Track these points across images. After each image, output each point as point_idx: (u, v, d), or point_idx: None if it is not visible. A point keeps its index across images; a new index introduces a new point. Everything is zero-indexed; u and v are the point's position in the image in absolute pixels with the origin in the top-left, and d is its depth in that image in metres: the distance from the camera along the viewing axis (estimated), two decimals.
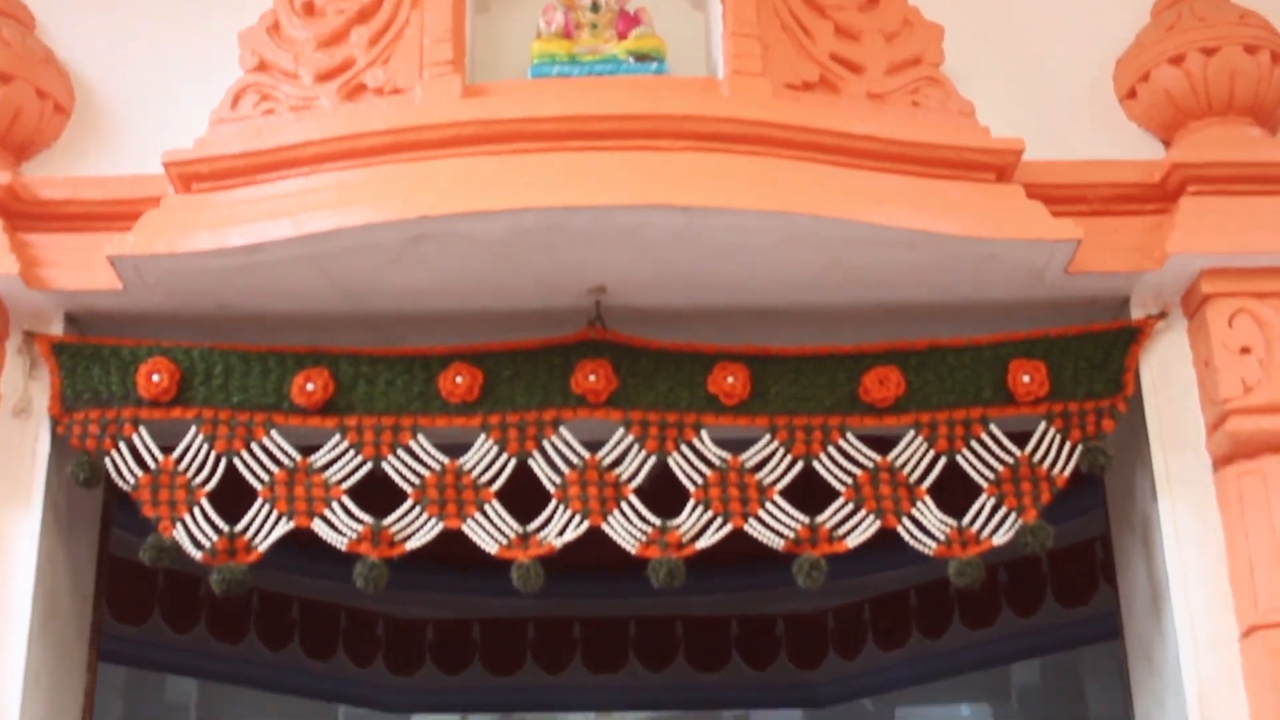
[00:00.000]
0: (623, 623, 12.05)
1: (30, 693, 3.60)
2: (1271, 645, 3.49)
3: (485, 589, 11.74)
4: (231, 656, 11.42)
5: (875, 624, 11.98)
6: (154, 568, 10.89)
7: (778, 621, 12.16)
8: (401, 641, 12.01)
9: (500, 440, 3.68)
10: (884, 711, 13.24)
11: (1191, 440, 3.73)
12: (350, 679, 12.02)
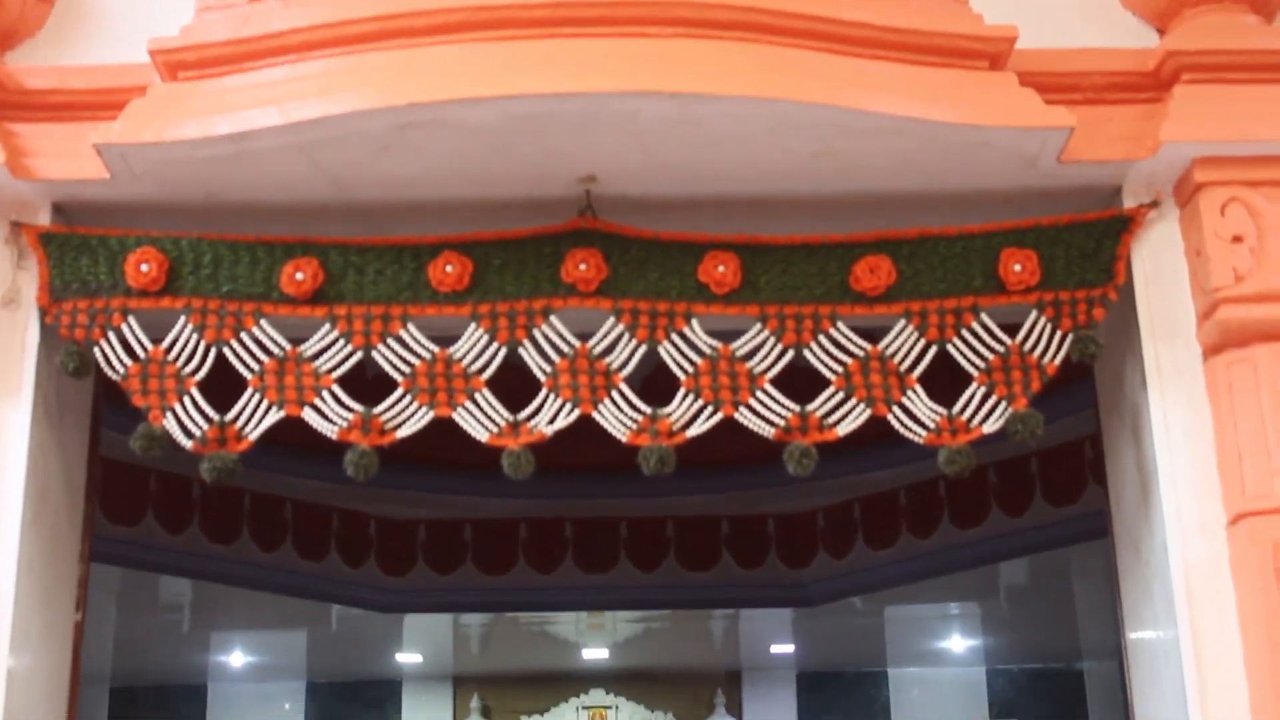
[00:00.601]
0: (614, 523, 12.11)
1: (23, 582, 3.62)
2: (1258, 532, 3.51)
3: (477, 490, 11.85)
4: (225, 557, 11.50)
5: (865, 523, 12.05)
6: (147, 469, 10.92)
7: (768, 521, 12.24)
8: (394, 542, 12.08)
9: (490, 329, 3.67)
10: (873, 610, 13.37)
11: (1182, 329, 3.73)
12: (343, 579, 12.11)
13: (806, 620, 13.40)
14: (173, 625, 13.58)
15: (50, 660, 3.82)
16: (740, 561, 12.24)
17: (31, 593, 3.67)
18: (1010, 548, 11.67)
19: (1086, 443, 10.50)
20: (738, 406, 3.64)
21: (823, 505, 12.32)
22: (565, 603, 12.70)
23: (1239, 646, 3.50)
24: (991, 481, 11.38)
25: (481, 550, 12.10)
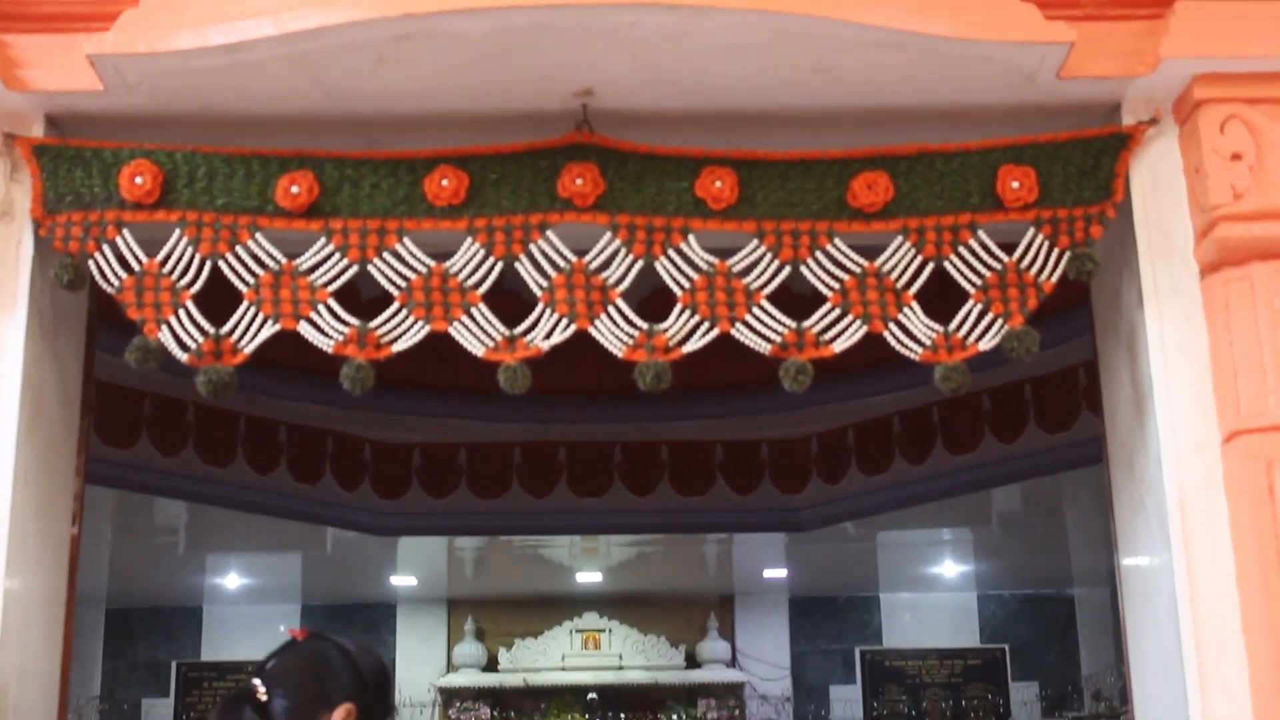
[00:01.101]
0: (608, 447, 12.16)
1: (19, 495, 3.62)
2: (1252, 450, 3.52)
3: (472, 414, 11.87)
4: (219, 480, 11.53)
5: (859, 449, 12.09)
6: (141, 392, 10.92)
7: (762, 446, 12.28)
8: (388, 465, 12.11)
9: (487, 244, 3.66)
10: (866, 535, 13.44)
11: (1179, 247, 3.72)
12: (337, 502, 12.16)
13: (799, 545, 13.47)
14: (168, 548, 13.64)
15: (47, 576, 3.83)
16: (734, 486, 12.29)
17: (27, 506, 3.67)
18: (1003, 474, 11.73)
19: (1080, 369, 10.54)
20: (734, 322, 3.64)
21: (816, 431, 12.36)
22: (559, 527, 12.75)
23: (1231, 563, 3.52)
24: (985, 408, 11.42)
25: (476, 474, 12.14)
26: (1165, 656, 3.71)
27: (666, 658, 15.01)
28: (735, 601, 15.40)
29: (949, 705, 15.28)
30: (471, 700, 14.87)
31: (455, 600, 15.30)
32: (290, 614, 15.40)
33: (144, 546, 13.44)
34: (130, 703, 15.15)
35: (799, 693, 15.23)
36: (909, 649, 15.42)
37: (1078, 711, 15.14)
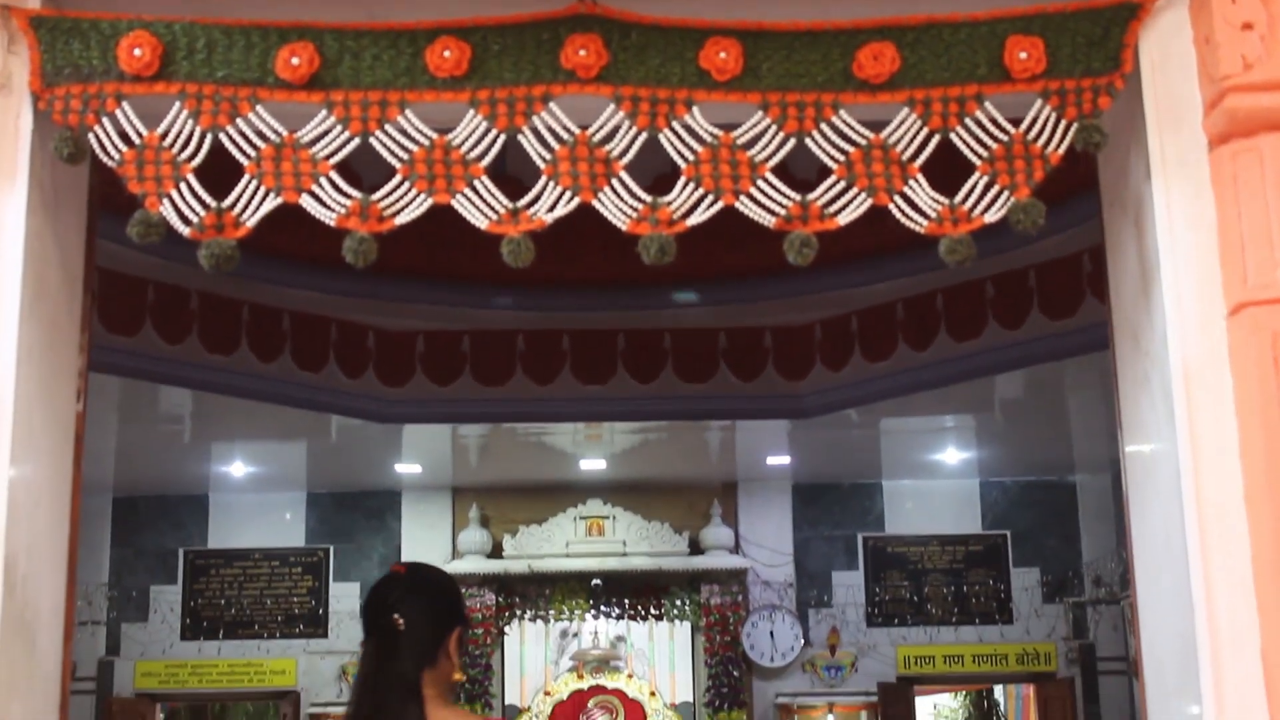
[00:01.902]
0: (611, 335, 12.18)
1: (23, 370, 3.61)
2: (1258, 322, 3.51)
3: (475, 302, 11.86)
4: (223, 368, 11.56)
5: (862, 336, 12.11)
6: (144, 280, 10.89)
7: (765, 334, 12.30)
8: (392, 353, 12.14)
9: (489, 115, 3.63)
10: (869, 422, 13.48)
11: (1188, 119, 3.69)
12: (341, 390, 12.20)
13: (802, 432, 13.52)
14: (173, 436, 13.69)
15: (52, 452, 3.83)
16: (737, 373, 12.32)
17: (32, 382, 3.67)
18: (1006, 360, 11.76)
19: (1085, 255, 10.53)
20: (738, 195, 3.61)
21: (820, 318, 12.37)
22: (563, 414, 12.80)
23: (1235, 436, 3.52)
24: (989, 294, 11.42)
25: (479, 361, 12.17)
26: (1168, 538, 3.72)
27: (670, 544, 15.12)
28: (738, 488, 15.49)
29: (950, 591, 15.42)
30: (476, 587, 15.01)
31: (459, 488, 15.39)
32: (296, 502, 15.50)
33: (149, 435, 13.50)
34: (138, 590, 15.30)
35: (801, 578, 15.37)
36: (911, 535, 15.54)
37: (1078, 597, 15.28)
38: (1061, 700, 15.21)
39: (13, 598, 3.45)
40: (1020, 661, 15.35)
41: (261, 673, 15.23)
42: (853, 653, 15.27)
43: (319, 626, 15.30)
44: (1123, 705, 15.02)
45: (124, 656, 15.17)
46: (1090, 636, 15.25)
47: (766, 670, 15.13)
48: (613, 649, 15.73)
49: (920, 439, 14.37)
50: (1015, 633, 15.37)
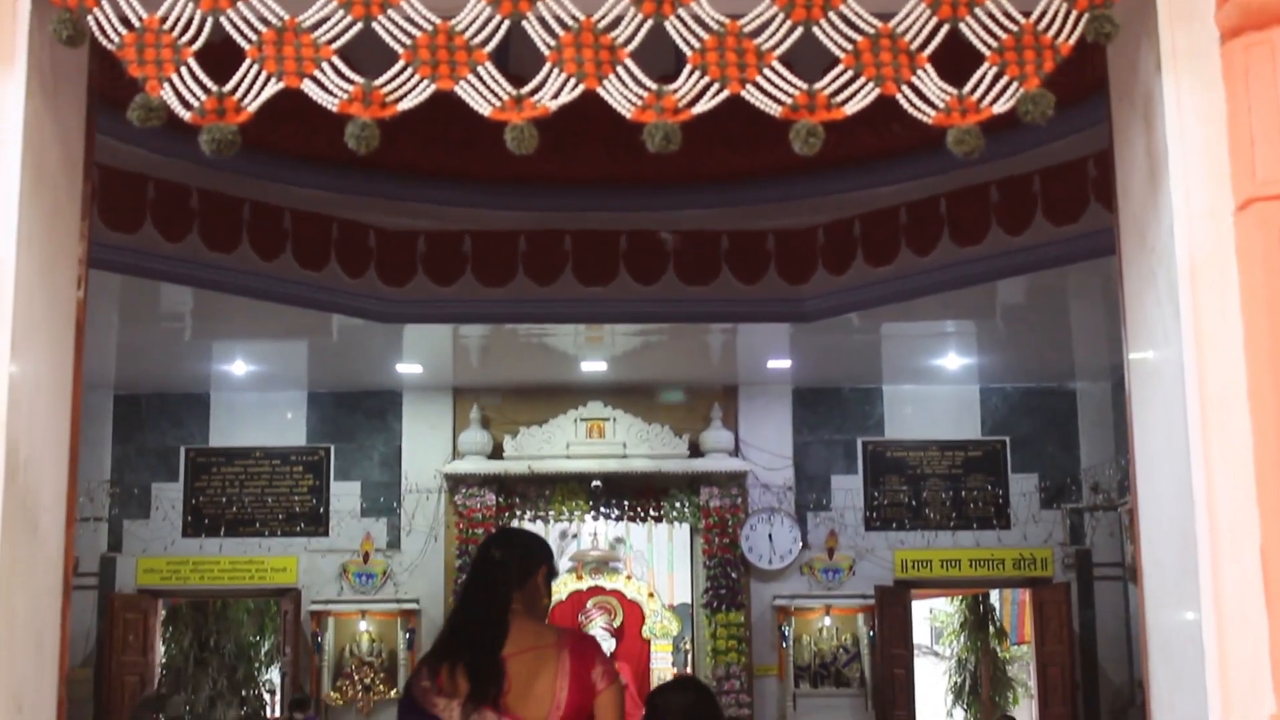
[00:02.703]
0: (613, 236, 12.13)
1: (24, 255, 3.59)
2: (1266, 217, 3.48)
3: (477, 201, 11.79)
4: (224, 266, 11.53)
5: (865, 240, 12.06)
6: (145, 177, 10.80)
7: (768, 237, 12.25)
8: (394, 252, 12.10)
9: (493, 1, 3.57)
10: (870, 327, 13.47)
11: (1200, 11, 3.64)
12: (343, 289, 12.17)
13: (804, 336, 13.52)
14: (175, 334, 13.69)
15: (53, 338, 3.82)
16: (739, 276, 12.29)
17: (33, 267, 3.65)
18: (1009, 266, 11.72)
19: (1090, 161, 10.46)
20: (744, 84, 3.56)
21: (823, 221, 12.32)
22: (564, 315, 12.78)
23: (1240, 331, 3.50)
24: (993, 199, 11.37)
25: (481, 262, 12.13)
26: (1170, 436, 3.71)
27: (670, 447, 15.16)
28: (739, 392, 15.51)
29: (949, 496, 15.48)
30: (477, 487, 15.06)
31: (461, 388, 15.41)
32: (297, 401, 15.52)
33: (151, 332, 13.49)
34: (140, 487, 15.36)
35: (801, 482, 15.43)
36: (910, 440, 15.57)
37: (1075, 503, 15.34)
38: (1057, 605, 15.32)
39: (14, 483, 3.45)
40: (1017, 566, 15.44)
41: (263, 570, 15.32)
42: (850, 556, 15.36)
43: (320, 525, 15.37)
44: (1118, 610, 15.12)
45: (126, 553, 15.26)
46: (1087, 542, 15.33)
47: (764, 572, 15.22)
48: (612, 550, 15.82)
49: (921, 344, 14.37)
50: (1012, 538, 15.45)
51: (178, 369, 14.76)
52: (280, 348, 14.23)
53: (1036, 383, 15.56)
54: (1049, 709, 15.48)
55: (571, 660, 3.97)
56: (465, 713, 3.91)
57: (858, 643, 15.32)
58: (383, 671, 15.07)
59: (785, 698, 15.04)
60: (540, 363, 14.55)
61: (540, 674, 3.97)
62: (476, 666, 3.92)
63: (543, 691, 3.94)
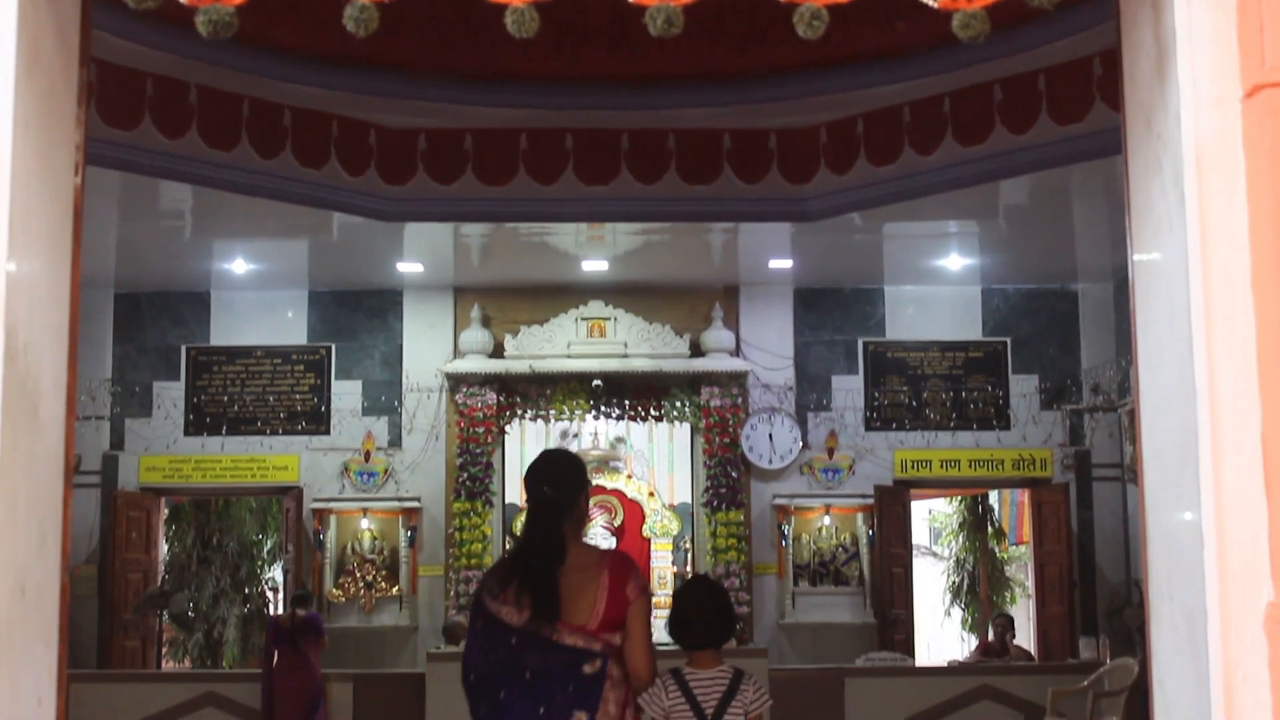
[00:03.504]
0: (615, 135, 12.06)
1: (20, 140, 3.56)
2: (1274, 104, 3.44)
3: (478, 99, 11.72)
4: (224, 163, 11.49)
5: (868, 139, 12.00)
6: (143, 73, 10.70)
7: (770, 136, 12.19)
8: (394, 150, 12.04)
9: None
10: (872, 227, 13.44)
11: None
12: (343, 187, 12.13)
13: (805, 236, 13.49)
14: (175, 232, 13.67)
15: (51, 225, 3.79)
16: (741, 175, 12.24)
17: (29, 152, 3.61)
18: (1012, 165, 11.67)
19: (1095, 59, 10.38)
20: None
21: (825, 120, 12.25)
22: (565, 214, 12.74)
23: (1245, 220, 3.47)
24: (997, 98, 11.29)
25: (482, 160, 12.08)
26: (1172, 325, 3.70)
27: (671, 346, 15.17)
28: (740, 292, 15.50)
29: (949, 396, 15.51)
30: (478, 386, 15.09)
31: (461, 288, 15.40)
32: (297, 300, 15.52)
33: (151, 231, 13.47)
34: (141, 385, 15.39)
35: (801, 382, 15.45)
36: (911, 341, 15.58)
37: (1075, 404, 15.37)
38: (1055, 505, 15.39)
39: (14, 366, 3.44)
40: (1016, 467, 15.50)
41: (264, 468, 15.38)
42: (850, 456, 15.41)
43: (321, 423, 15.41)
44: (1116, 510, 15.20)
45: (128, 451, 15.31)
46: (1086, 443, 15.38)
47: (764, 472, 15.28)
48: (612, 450, 15.87)
49: (923, 244, 14.34)
50: (1012, 439, 15.49)
51: (178, 268, 14.74)
52: (281, 246, 14.20)
53: (1038, 284, 15.54)
54: (1046, 608, 15.61)
55: (610, 577, 4.66)
56: (527, 620, 4.63)
57: (857, 542, 15.41)
58: (384, 569, 15.18)
59: (784, 596, 15.16)
60: (541, 262, 14.52)
61: (585, 588, 4.64)
62: (538, 588, 4.63)
63: (586, 602, 4.63)
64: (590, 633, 4.63)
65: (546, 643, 4.63)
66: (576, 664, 4.64)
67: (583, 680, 4.63)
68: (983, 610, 18.85)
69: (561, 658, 4.63)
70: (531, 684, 4.65)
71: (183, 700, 12.82)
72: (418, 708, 12.46)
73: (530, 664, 4.65)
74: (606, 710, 4.60)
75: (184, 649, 18.34)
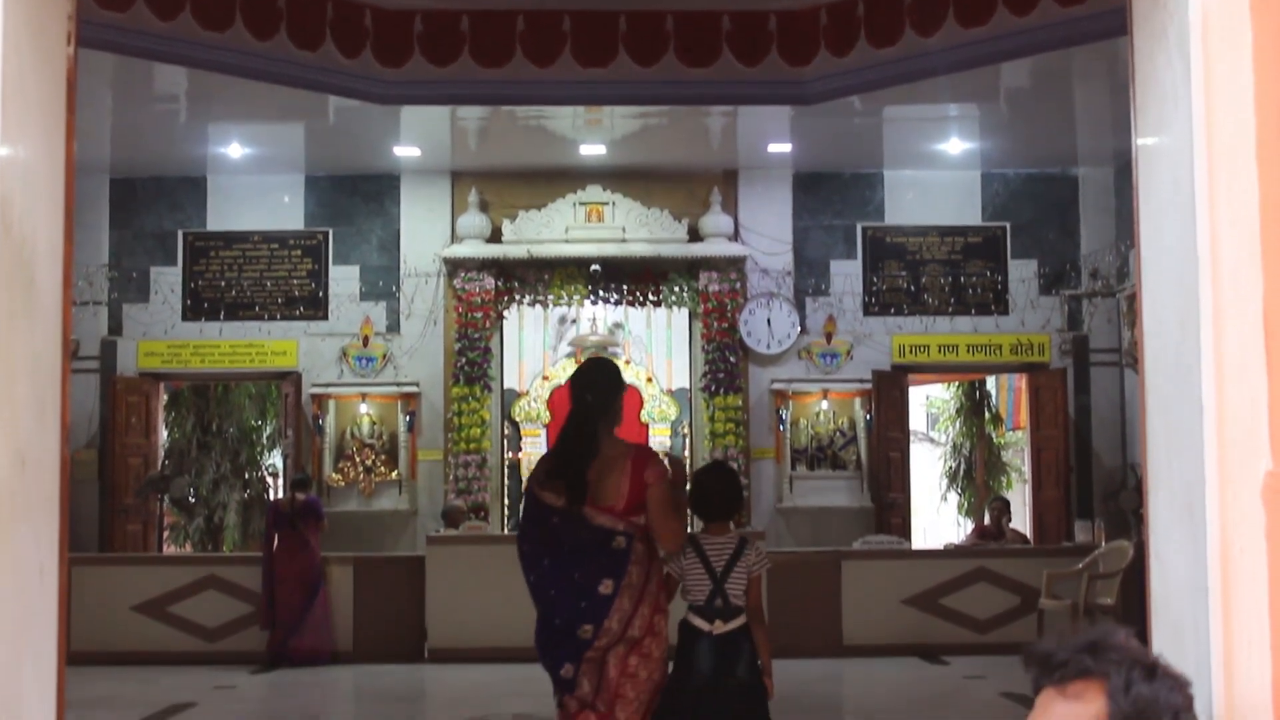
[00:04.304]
0: (613, 16, 11.96)
1: (10, 6, 3.51)
2: None
3: None
4: (218, 45, 11.41)
5: (868, 21, 11.90)
6: None
7: (770, 18, 12.09)
8: (390, 32, 11.95)
9: None
10: (872, 110, 13.37)
11: None
12: (338, 70, 12.05)
13: (805, 119, 13.42)
14: (169, 116, 13.60)
15: (43, 94, 3.75)
16: (740, 58, 12.15)
17: (20, 19, 3.56)
18: (1014, 47, 11.57)
19: None
20: None
21: (826, 2, 12.13)
22: (563, 97, 12.66)
23: (1251, 88, 3.43)
24: None
25: (479, 42, 11.98)
26: (1176, 198, 3.68)
27: (669, 231, 15.14)
28: (739, 176, 15.44)
29: (948, 281, 15.50)
30: (475, 271, 15.08)
31: (459, 172, 15.33)
32: (294, 185, 15.46)
33: (145, 115, 13.40)
34: (138, 271, 15.37)
35: (800, 267, 15.44)
36: (910, 225, 15.54)
37: (1074, 289, 15.37)
38: (1053, 390, 15.43)
39: (9, 234, 3.42)
40: (1014, 352, 15.51)
41: (263, 353, 15.39)
42: (848, 341, 15.42)
43: (319, 309, 15.39)
44: (1113, 395, 15.24)
45: (126, 337, 15.31)
46: (1084, 328, 15.38)
47: (763, 357, 15.30)
48: (610, 335, 15.89)
49: (923, 128, 14.25)
50: (1010, 324, 15.49)
51: (173, 152, 14.66)
52: (276, 130, 14.11)
53: (1038, 168, 15.46)
54: (1042, 492, 15.70)
55: (632, 466, 5.52)
56: (567, 504, 5.52)
57: (854, 426, 15.46)
58: (384, 454, 15.25)
59: (782, 480, 15.24)
60: (539, 146, 14.44)
61: (612, 474, 5.52)
62: (570, 479, 5.53)
63: (613, 487, 5.52)
64: (618, 514, 5.52)
65: (580, 522, 5.53)
66: (606, 540, 5.53)
67: (611, 553, 5.54)
68: (979, 495, 18.97)
69: (593, 535, 5.53)
70: (569, 555, 5.55)
71: (184, 583, 12.90)
72: (418, 590, 12.57)
73: (567, 539, 5.56)
74: (630, 579, 5.48)
75: (185, 534, 18.48)
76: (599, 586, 5.47)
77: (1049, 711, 2.17)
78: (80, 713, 9.01)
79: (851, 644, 12.64)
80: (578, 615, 5.49)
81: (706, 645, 5.68)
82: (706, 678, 5.66)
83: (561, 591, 5.52)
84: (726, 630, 5.70)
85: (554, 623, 5.56)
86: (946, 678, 11.48)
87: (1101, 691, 2.14)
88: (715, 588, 5.71)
